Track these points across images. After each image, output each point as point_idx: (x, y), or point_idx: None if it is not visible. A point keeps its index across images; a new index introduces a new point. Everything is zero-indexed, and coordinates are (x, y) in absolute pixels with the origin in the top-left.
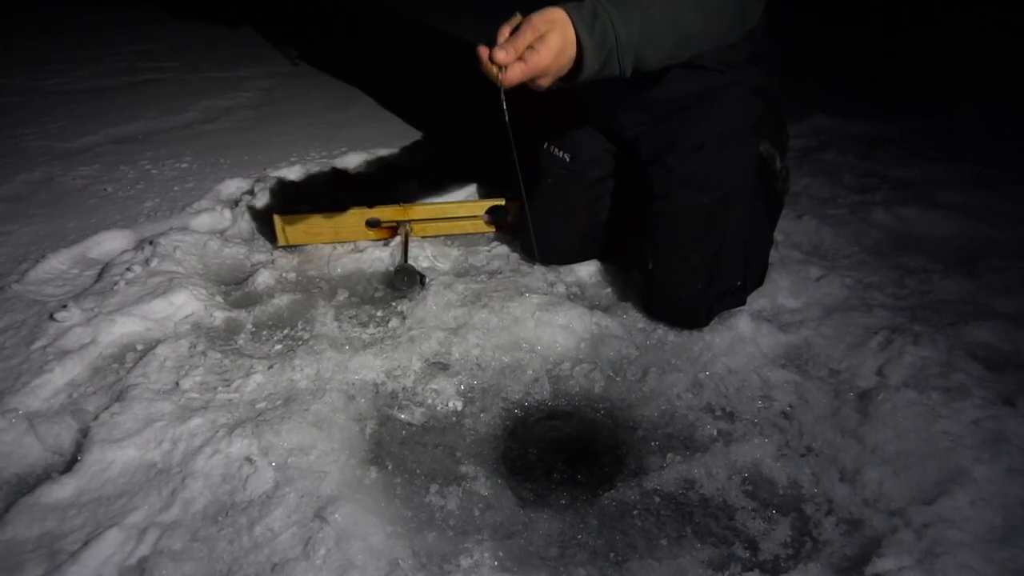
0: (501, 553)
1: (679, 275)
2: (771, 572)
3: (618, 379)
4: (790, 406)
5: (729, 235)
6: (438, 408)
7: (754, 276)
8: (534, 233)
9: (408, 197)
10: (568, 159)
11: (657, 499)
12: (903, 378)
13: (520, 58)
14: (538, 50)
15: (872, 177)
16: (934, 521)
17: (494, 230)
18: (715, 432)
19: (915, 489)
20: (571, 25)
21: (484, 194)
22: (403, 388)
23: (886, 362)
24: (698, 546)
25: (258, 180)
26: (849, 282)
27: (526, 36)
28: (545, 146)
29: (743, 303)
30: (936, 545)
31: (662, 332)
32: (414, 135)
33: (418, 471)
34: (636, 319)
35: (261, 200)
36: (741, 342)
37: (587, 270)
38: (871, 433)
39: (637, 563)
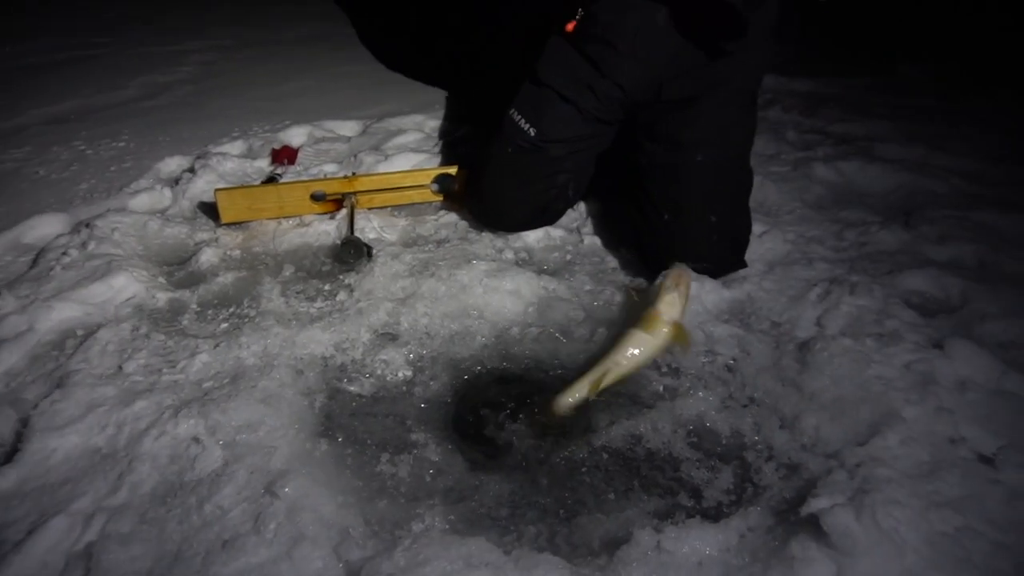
0: (452, 516)
1: (697, 227)
2: (714, 519)
3: (566, 341)
4: (733, 359)
5: (742, 191)
6: (388, 378)
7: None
8: (481, 196)
9: (354, 168)
10: (533, 134)
11: (605, 455)
12: (840, 327)
13: None
14: None
15: (815, 134)
16: (866, 461)
17: (442, 199)
18: (661, 388)
19: (850, 432)
20: None
21: (432, 163)
22: (352, 360)
23: (824, 312)
24: (644, 498)
25: (199, 157)
26: (791, 237)
27: None
28: (512, 113)
29: (745, 265)
30: (866, 483)
31: (609, 293)
32: (361, 106)
33: (369, 441)
34: (584, 281)
35: (203, 177)
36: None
37: (535, 235)
38: (809, 381)
39: (586, 518)
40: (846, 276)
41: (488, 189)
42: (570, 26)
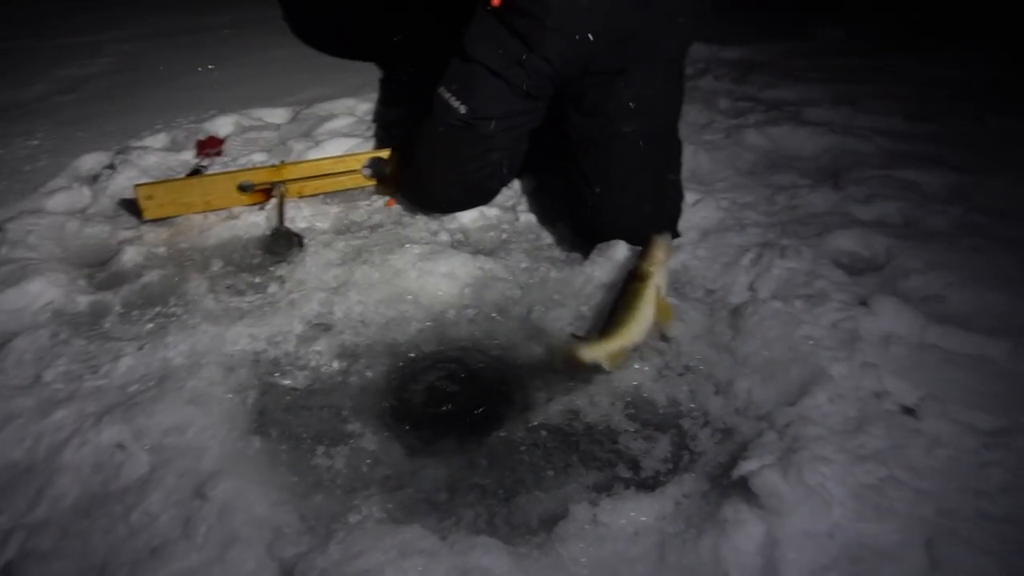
0: (390, 505)
1: (628, 198)
2: (650, 488)
3: (503, 320)
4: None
5: (672, 161)
6: (322, 370)
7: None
8: (413, 177)
9: (283, 156)
10: (464, 111)
11: (544, 433)
12: (771, 290)
13: None
14: None
15: (746, 100)
16: (795, 420)
17: (375, 183)
18: None
19: (780, 393)
20: None
21: (365, 148)
22: (285, 354)
23: (756, 277)
24: (583, 472)
25: (119, 152)
26: (724, 204)
27: None
28: (441, 91)
29: (678, 235)
30: (795, 442)
31: (545, 269)
32: (290, 92)
33: (304, 435)
34: (520, 259)
35: (124, 173)
36: (620, 271)
37: (470, 216)
38: (742, 346)
39: (525, 497)
40: (777, 240)
41: (420, 170)
42: (496, 0)
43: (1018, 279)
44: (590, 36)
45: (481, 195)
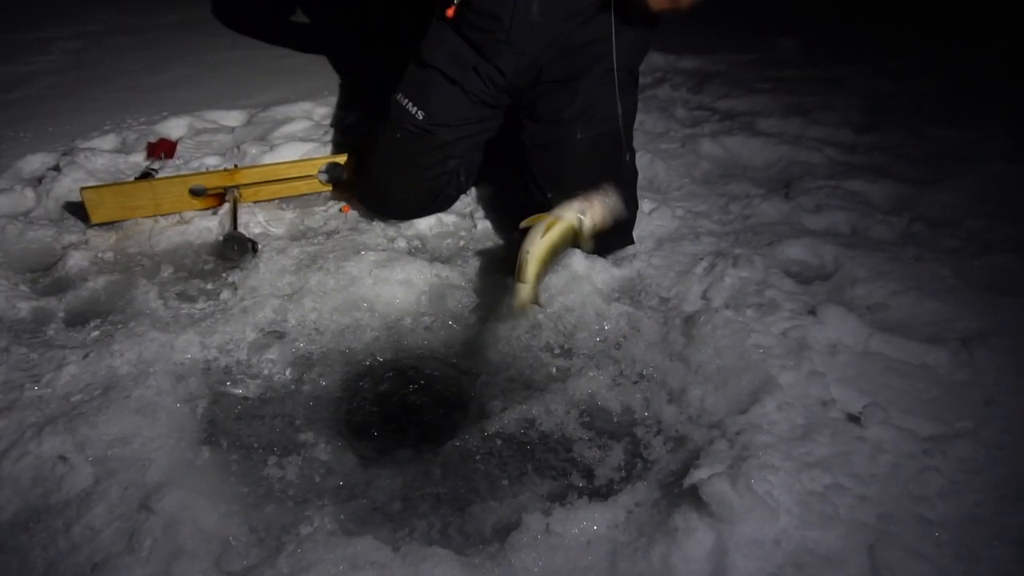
0: (342, 516)
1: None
2: (604, 496)
3: (459, 328)
4: (624, 337)
5: (624, 168)
6: (275, 378)
7: (635, 215)
8: (370, 184)
9: (237, 160)
10: (421, 117)
11: (499, 441)
12: (724, 299)
13: None
14: None
15: (702, 110)
16: (745, 428)
17: (331, 189)
18: (554, 370)
19: (732, 401)
20: None
21: (322, 152)
22: (237, 362)
23: (710, 286)
24: (538, 481)
25: (65, 153)
26: (680, 213)
27: None
28: (399, 97)
29: (632, 242)
30: (744, 450)
31: (502, 277)
32: (246, 94)
33: (255, 445)
34: (476, 267)
35: (70, 175)
36: (576, 280)
37: (427, 223)
38: (695, 354)
39: (479, 506)
40: (730, 249)
41: (377, 176)
42: (450, 11)
43: (955, 288)
44: (539, 49)
45: (439, 202)
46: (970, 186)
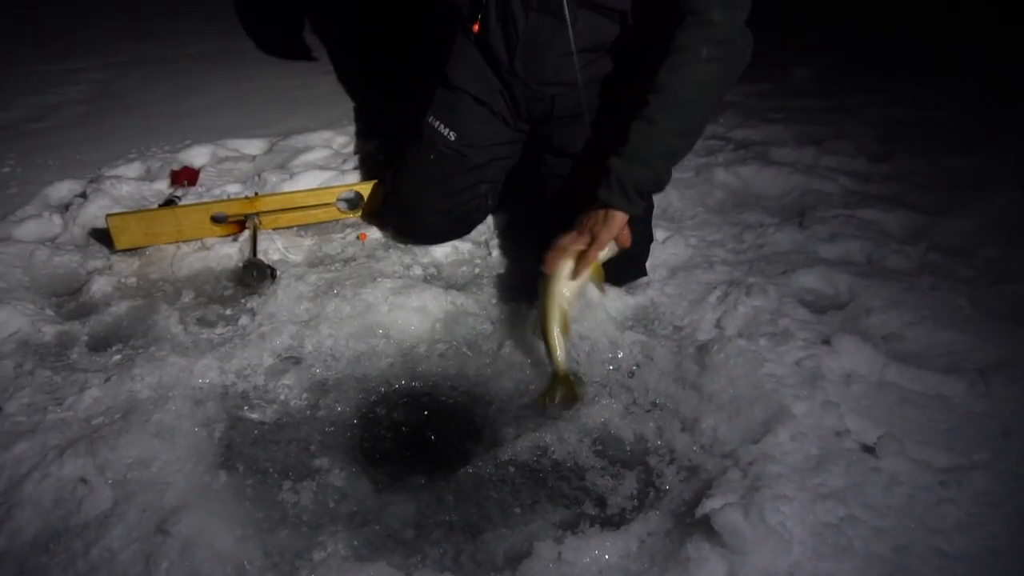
0: (355, 542)
1: None
2: (616, 525)
3: (473, 355)
4: (637, 365)
5: None
6: (291, 403)
7: (649, 247)
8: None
9: (258, 188)
10: (454, 138)
11: (512, 469)
12: (737, 328)
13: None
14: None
15: (716, 139)
16: (758, 458)
17: (349, 216)
18: None
19: (745, 431)
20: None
21: (340, 180)
22: (254, 387)
23: (723, 314)
24: (550, 509)
25: (92, 181)
26: (693, 241)
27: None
28: (430, 119)
29: (645, 273)
30: (758, 480)
31: (516, 305)
32: (267, 123)
33: (271, 470)
34: (492, 294)
35: (96, 202)
36: (590, 308)
37: (443, 250)
38: (708, 383)
39: (491, 534)
40: (744, 278)
41: (409, 199)
42: (476, 26)
43: (972, 318)
44: (546, 86)
45: (465, 226)
46: (986, 215)
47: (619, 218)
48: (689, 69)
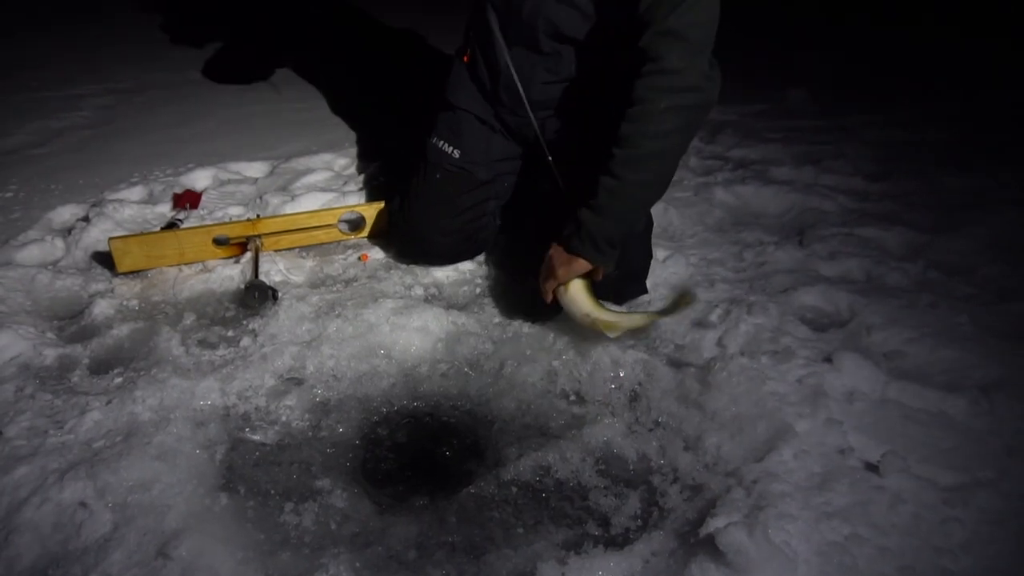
0: (358, 564)
1: None
2: (620, 546)
3: (475, 375)
4: (639, 384)
5: None
6: (293, 425)
7: (649, 264)
8: (410, 226)
9: (260, 210)
10: (458, 156)
11: (514, 489)
12: (739, 346)
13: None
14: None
15: (715, 159)
16: (762, 477)
17: (350, 238)
18: (569, 417)
19: (748, 449)
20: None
21: (342, 202)
22: (255, 408)
23: (725, 333)
24: (553, 530)
25: (94, 205)
26: (694, 260)
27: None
28: (434, 140)
29: (646, 291)
30: (762, 499)
31: (517, 324)
32: (269, 146)
33: (272, 491)
34: (493, 314)
35: (98, 226)
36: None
37: (443, 271)
38: (710, 401)
39: (494, 555)
40: (744, 296)
41: (417, 220)
42: (465, 57)
43: (972, 335)
44: (534, 111)
45: (475, 246)
46: (984, 234)
47: (583, 265)
48: (649, 121)
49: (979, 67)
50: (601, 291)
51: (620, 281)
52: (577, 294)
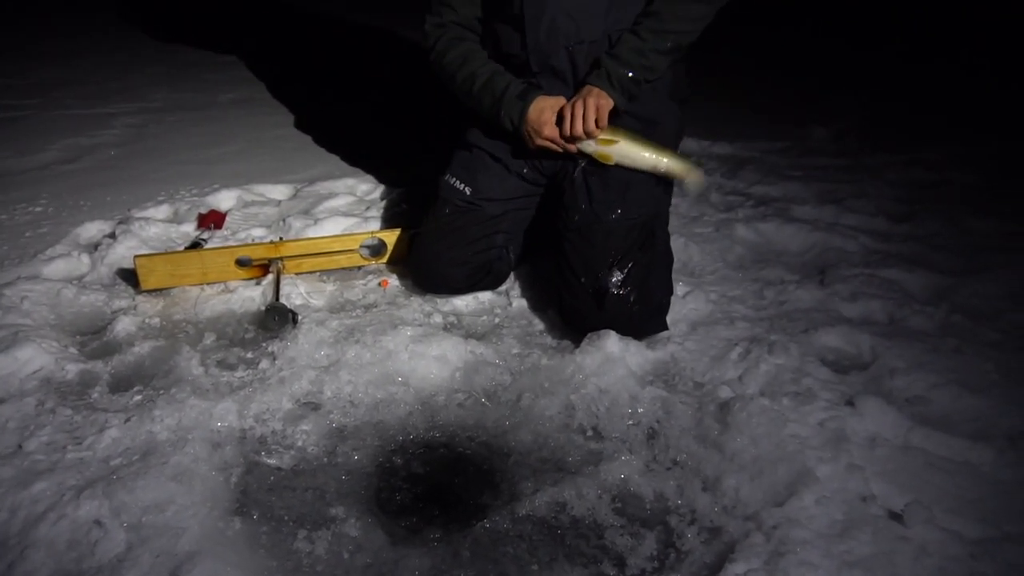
0: None
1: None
2: None
3: (492, 406)
4: (657, 421)
5: (658, 253)
6: (309, 450)
7: (670, 300)
8: (421, 259)
9: (283, 232)
10: (469, 192)
11: (529, 525)
12: (759, 386)
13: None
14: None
15: (736, 195)
16: (782, 522)
17: (371, 263)
18: (586, 452)
19: (768, 492)
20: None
21: (363, 227)
22: (272, 432)
23: (744, 372)
24: (568, 568)
25: (121, 222)
26: (713, 297)
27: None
28: (447, 177)
29: (666, 327)
30: (782, 545)
31: (536, 356)
32: (293, 169)
33: (286, 517)
34: (511, 345)
35: (124, 243)
36: (611, 362)
37: (464, 300)
38: (729, 442)
39: None
40: (765, 335)
41: (427, 252)
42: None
43: (999, 383)
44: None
45: (491, 277)
46: (1010, 278)
47: (597, 93)
48: (678, 4)
49: (1008, 111)
50: (621, 326)
51: (641, 316)
52: (631, 144)
